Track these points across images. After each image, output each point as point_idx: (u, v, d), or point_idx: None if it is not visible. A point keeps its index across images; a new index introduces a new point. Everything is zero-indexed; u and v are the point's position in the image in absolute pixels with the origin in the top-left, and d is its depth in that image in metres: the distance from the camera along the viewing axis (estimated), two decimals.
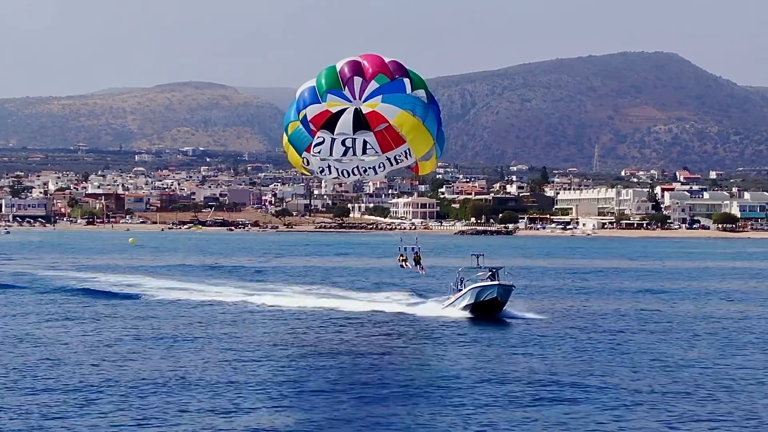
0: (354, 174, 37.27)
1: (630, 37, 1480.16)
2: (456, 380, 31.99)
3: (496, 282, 47.13)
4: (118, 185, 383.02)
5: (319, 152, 36.87)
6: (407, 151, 36.85)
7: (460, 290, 48.64)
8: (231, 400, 28.51)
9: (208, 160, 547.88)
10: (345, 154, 36.55)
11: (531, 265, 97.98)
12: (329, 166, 37.19)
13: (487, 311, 47.05)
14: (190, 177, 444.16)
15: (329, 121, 36.29)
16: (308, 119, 36.56)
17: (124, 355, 36.49)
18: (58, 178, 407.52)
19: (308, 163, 37.68)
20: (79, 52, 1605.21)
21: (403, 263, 52.70)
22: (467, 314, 47.60)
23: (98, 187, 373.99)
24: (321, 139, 36.61)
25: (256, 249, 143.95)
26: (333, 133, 36.37)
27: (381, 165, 36.96)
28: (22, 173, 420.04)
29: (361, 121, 36.08)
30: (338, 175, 37.43)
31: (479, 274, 48.78)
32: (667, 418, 27.06)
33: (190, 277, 78.85)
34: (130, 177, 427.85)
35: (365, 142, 36.34)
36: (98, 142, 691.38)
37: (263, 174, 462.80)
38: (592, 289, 70.45)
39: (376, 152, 36.53)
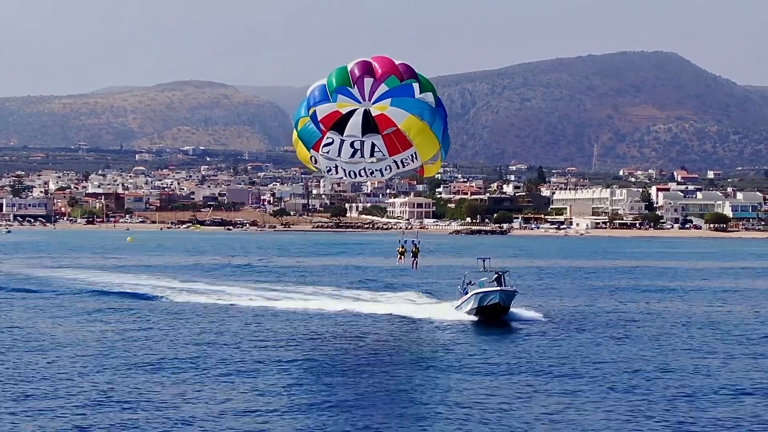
0: (361, 175, 37.90)
1: (630, 37, 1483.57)
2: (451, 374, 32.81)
3: (498, 288, 47.73)
4: (118, 185, 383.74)
5: (327, 152, 37.51)
6: (414, 155, 37.53)
7: (467, 293, 49.36)
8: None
9: (208, 159, 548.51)
10: (353, 156, 37.17)
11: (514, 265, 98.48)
12: (336, 166, 37.86)
13: (491, 315, 47.77)
14: (190, 176, 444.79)
15: (339, 123, 36.91)
16: (318, 118, 37.18)
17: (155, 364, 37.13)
18: (59, 177, 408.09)
19: (316, 161, 38.36)
20: (79, 52, 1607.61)
21: (401, 257, 53.35)
22: (472, 318, 48.31)
23: (98, 186, 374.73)
24: (330, 140, 37.27)
25: (251, 248, 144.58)
26: (342, 135, 36.98)
27: (388, 167, 37.64)
28: (23, 172, 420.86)
29: (369, 124, 36.72)
30: (345, 175, 38.00)
31: (484, 279, 49.38)
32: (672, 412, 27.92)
33: (187, 276, 79.26)
34: (130, 176, 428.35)
35: (373, 145, 36.99)
36: (99, 141, 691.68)
37: (263, 173, 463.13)
38: (558, 288, 71.53)
39: (384, 155, 37.19)
